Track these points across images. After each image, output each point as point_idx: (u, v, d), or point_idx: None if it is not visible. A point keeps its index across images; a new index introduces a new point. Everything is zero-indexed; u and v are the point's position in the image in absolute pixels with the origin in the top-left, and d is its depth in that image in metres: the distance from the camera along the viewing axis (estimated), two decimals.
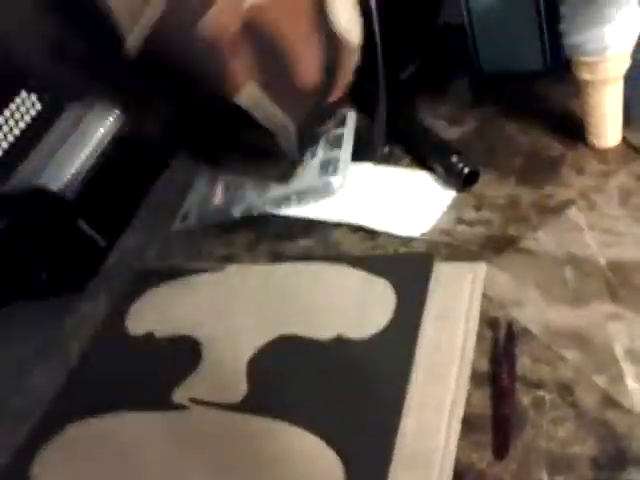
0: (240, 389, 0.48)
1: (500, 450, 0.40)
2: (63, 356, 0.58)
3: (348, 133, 0.63)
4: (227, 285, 0.58)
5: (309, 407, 0.46)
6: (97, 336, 0.58)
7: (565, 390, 0.42)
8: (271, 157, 0.49)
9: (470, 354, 0.45)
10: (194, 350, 0.52)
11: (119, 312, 0.59)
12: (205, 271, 0.60)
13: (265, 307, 0.54)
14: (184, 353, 0.53)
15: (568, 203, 0.53)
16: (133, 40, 0.37)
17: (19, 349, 0.65)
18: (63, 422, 0.51)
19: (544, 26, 0.64)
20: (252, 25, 0.39)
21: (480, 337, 0.46)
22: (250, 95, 0.42)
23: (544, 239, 0.51)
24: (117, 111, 0.72)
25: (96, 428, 0.50)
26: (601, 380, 0.42)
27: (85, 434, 0.50)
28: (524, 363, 0.44)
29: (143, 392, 0.51)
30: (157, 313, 0.58)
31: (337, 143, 0.62)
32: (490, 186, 0.58)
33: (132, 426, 0.50)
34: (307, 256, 0.58)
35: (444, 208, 0.57)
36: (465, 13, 0.65)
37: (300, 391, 0.47)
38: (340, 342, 0.49)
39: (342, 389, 0.46)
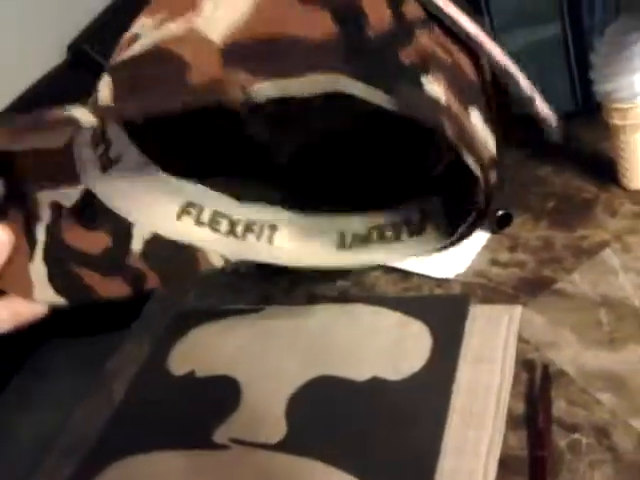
0: (279, 429, 0.49)
1: None
2: (107, 395, 0.60)
3: None
4: (265, 326, 0.60)
5: (346, 448, 0.46)
6: (140, 376, 0.60)
7: (601, 433, 0.42)
8: None
9: (506, 396, 0.46)
10: (234, 390, 0.54)
11: (161, 352, 0.61)
12: (244, 312, 0.61)
13: (302, 347, 0.55)
14: (224, 393, 0.54)
15: (602, 245, 0.53)
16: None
17: (64, 386, 0.68)
18: (106, 461, 0.52)
19: (574, 67, 0.65)
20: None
21: (516, 379, 0.47)
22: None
23: (579, 281, 0.51)
24: None
25: (138, 467, 0.52)
26: (637, 423, 0.42)
27: (127, 473, 0.52)
28: (560, 406, 0.44)
29: (184, 432, 0.53)
30: (198, 353, 0.59)
31: None
32: (524, 228, 0.58)
33: (174, 465, 0.51)
34: (343, 297, 0.59)
35: (478, 249, 0.58)
36: None
37: (337, 432, 0.48)
38: (376, 383, 0.49)
39: (379, 430, 0.46)
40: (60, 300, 0.40)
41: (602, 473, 0.40)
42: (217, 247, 0.43)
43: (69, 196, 0.39)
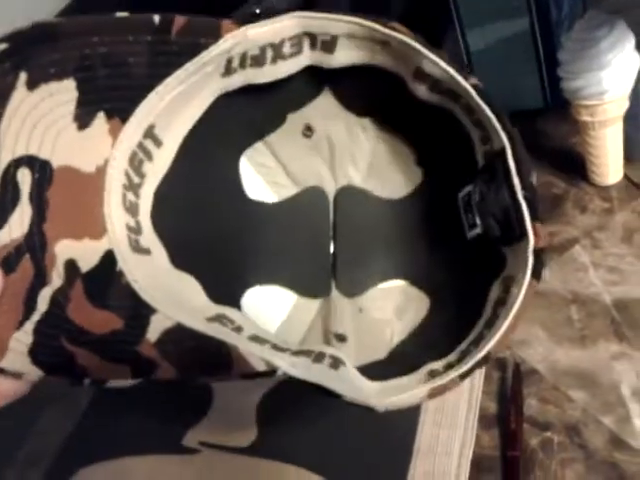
0: (249, 433, 0.49)
1: None
2: (73, 400, 0.59)
3: None
4: None
5: (317, 450, 0.46)
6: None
7: (573, 431, 0.42)
8: None
9: (478, 395, 0.46)
10: (205, 394, 0.53)
11: None
12: None
13: None
14: (195, 396, 0.53)
15: (572, 242, 0.53)
16: None
17: (29, 393, 0.66)
18: (74, 466, 0.51)
19: (543, 63, 0.65)
20: None
21: (488, 378, 0.47)
22: None
23: (549, 278, 0.51)
24: None
25: (106, 473, 0.51)
26: (608, 420, 0.42)
27: (96, 478, 0.51)
28: (532, 404, 0.44)
29: (153, 436, 0.52)
30: None
31: None
32: None
33: (142, 470, 0.50)
34: None
35: None
36: (464, 52, 0.67)
37: (308, 434, 0.47)
38: None
39: (351, 432, 0.46)
40: (34, 371, 0.33)
41: (573, 471, 0.40)
42: (259, 352, 0.32)
43: (88, 255, 0.33)
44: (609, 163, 0.56)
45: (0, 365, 0.33)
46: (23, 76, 0.32)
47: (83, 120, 0.33)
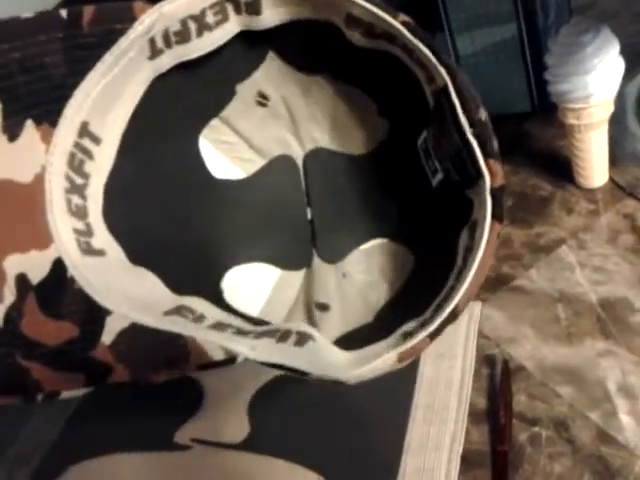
0: (242, 428, 0.49)
1: None
2: (64, 399, 0.59)
3: None
4: None
5: (309, 446, 0.46)
6: None
7: (560, 426, 0.43)
8: None
9: (468, 391, 0.46)
10: (196, 390, 0.53)
11: None
12: None
13: None
14: (186, 393, 0.53)
15: (559, 242, 0.55)
16: None
17: None
18: (64, 463, 0.51)
19: (530, 68, 0.66)
20: None
21: (477, 375, 0.47)
22: None
23: (536, 278, 0.52)
24: None
25: (97, 469, 0.51)
26: (595, 415, 0.43)
27: (87, 475, 0.51)
28: (520, 400, 0.45)
29: (144, 433, 0.52)
30: None
31: None
32: None
33: (134, 467, 0.50)
34: None
35: None
36: (453, 56, 0.68)
37: (300, 430, 0.48)
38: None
39: (343, 428, 0.47)
40: None
41: (561, 465, 0.41)
42: (218, 340, 0.31)
43: (38, 267, 0.32)
44: (595, 166, 0.57)
45: None
46: None
47: (12, 131, 0.32)
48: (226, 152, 0.43)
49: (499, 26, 0.65)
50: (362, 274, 0.43)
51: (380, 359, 0.30)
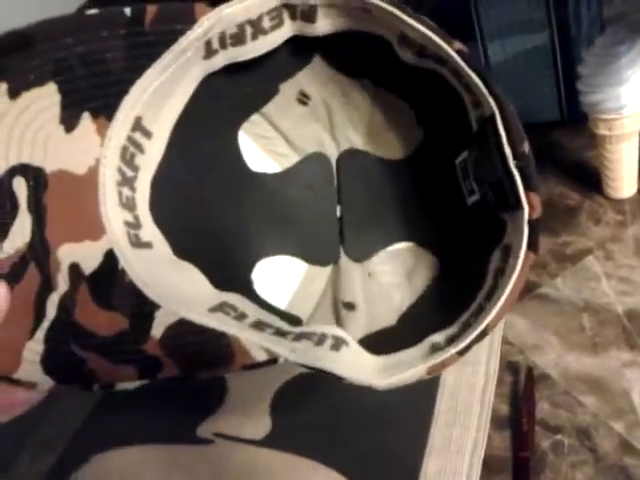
0: (264, 425, 0.50)
1: None
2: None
3: None
4: None
5: (332, 445, 0.47)
6: None
7: (583, 435, 0.43)
8: None
9: (491, 397, 0.46)
10: (219, 384, 0.54)
11: None
12: None
13: None
14: (209, 387, 0.54)
15: (585, 252, 0.55)
16: None
17: None
18: (88, 452, 0.52)
19: (561, 78, 0.66)
20: None
21: (500, 381, 0.48)
22: None
23: (562, 286, 0.52)
24: None
25: (120, 460, 0.51)
26: (618, 426, 0.43)
27: (110, 465, 0.51)
28: (543, 407, 0.45)
29: (167, 426, 0.53)
30: None
31: None
32: None
33: (156, 458, 0.51)
34: None
35: None
36: (483, 63, 0.68)
37: (323, 429, 0.48)
38: None
39: (365, 428, 0.47)
40: (46, 381, 0.33)
41: (583, 473, 0.41)
42: (260, 340, 0.33)
43: (90, 257, 0.33)
44: (624, 177, 0.57)
45: (16, 376, 0.33)
46: (3, 86, 0.32)
47: (69, 122, 0.33)
48: (263, 146, 0.44)
49: (531, 34, 0.65)
50: (387, 275, 0.44)
51: (410, 371, 0.31)
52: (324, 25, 0.35)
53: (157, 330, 0.33)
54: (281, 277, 0.44)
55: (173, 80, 0.34)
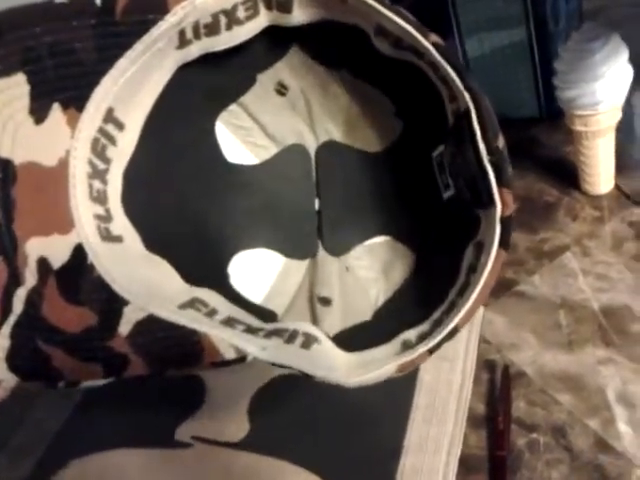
0: (242, 427, 0.49)
1: None
2: (66, 391, 0.59)
3: None
4: None
5: (309, 446, 0.47)
6: None
7: (559, 433, 0.43)
8: None
9: (468, 395, 0.46)
10: (197, 387, 0.53)
11: None
12: None
13: None
14: (187, 390, 0.54)
15: (563, 248, 0.55)
16: None
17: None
18: (66, 457, 0.52)
19: (539, 73, 0.66)
20: None
21: (477, 379, 0.47)
22: None
23: (539, 283, 0.52)
24: None
25: (99, 464, 0.51)
26: (594, 423, 0.43)
27: (88, 470, 0.51)
28: (519, 406, 0.45)
29: (146, 430, 0.52)
30: None
31: None
32: None
33: (135, 463, 0.50)
34: None
35: None
36: (461, 58, 0.68)
37: (300, 430, 0.48)
38: None
39: (342, 428, 0.47)
40: (10, 378, 0.33)
41: (559, 472, 0.41)
42: (229, 338, 0.32)
43: (59, 251, 0.32)
44: (601, 173, 0.57)
45: None
46: None
47: (39, 113, 0.32)
48: (241, 137, 0.44)
49: (509, 30, 0.65)
50: (364, 270, 0.43)
51: (381, 370, 0.31)
52: (300, 15, 0.34)
53: (125, 327, 0.33)
54: (258, 271, 0.44)
55: (145, 70, 0.33)
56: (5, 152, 0.32)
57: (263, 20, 0.35)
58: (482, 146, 0.31)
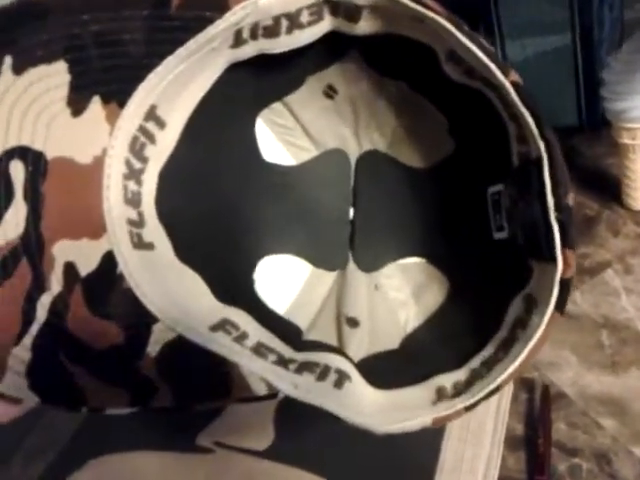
0: (266, 436, 0.48)
1: None
2: None
3: None
4: None
5: (337, 460, 0.45)
6: None
7: (603, 459, 0.42)
8: None
9: (505, 416, 0.45)
10: None
11: None
12: None
13: None
14: None
15: (604, 265, 0.53)
16: None
17: None
18: (83, 457, 0.50)
19: (581, 82, 0.64)
20: None
21: (515, 399, 0.46)
22: None
23: (580, 301, 0.50)
24: None
25: (116, 465, 0.50)
26: (639, 450, 0.41)
27: (105, 470, 0.50)
28: (560, 428, 0.44)
29: (165, 433, 0.51)
30: None
31: None
32: None
33: (153, 464, 0.49)
34: None
35: None
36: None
37: (328, 443, 0.46)
38: None
39: (374, 445, 0.45)
40: (30, 397, 0.31)
41: None
42: (261, 371, 0.30)
43: (88, 257, 0.31)
44: None
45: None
46: (8, 60, 0.30)
47: (77, 105, 0.31)
48: (281, 135, 0.42)
49: (552, 35, 0.63)
50: (394, 290, 0.42)
51: (415, 421, 0.29)
52: (366, 26, 0.32)
53: (153, 348, 0.31)
54: (284, 278, 0.42)
55: (194, 69, 0.31)
56: (37, 144, 0.31)
57: (326, 26, 0.32)
58: (551, 201, 0.28)
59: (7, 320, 0.30)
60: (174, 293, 0.32)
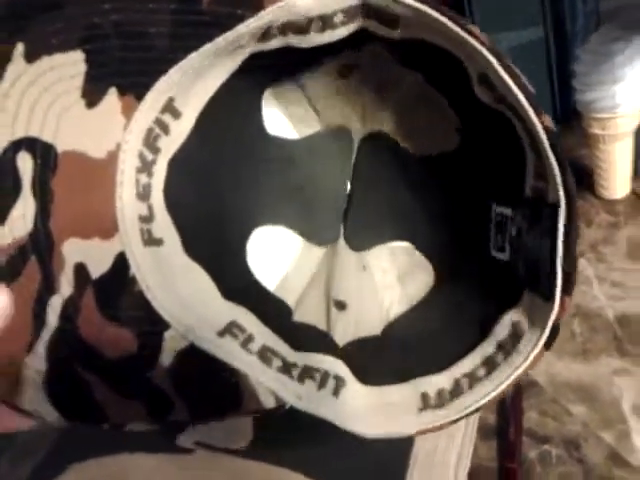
0: (246, 435, 0.48)
1: None
2: None
3: None
4: None
5: (314, 456, 0.46)
6: None
7: (572, 445, 0.42)
8: None
9: None
10: None
11: None
12: None
13: None
14: None
15: (577, 255, 0.53)
16: None
17: None
18: (67, 460, 0.51)
19: (555, 73, 0.65)
20: None
21: None
22: None
23: None
24: None
25: (101, 468, 0.50)
26: (608, 436, 0.42)
27: (89, 474, 0.50)
28: (531, 416, 0.44)
29: (147, 435, 0.51)
30: None
31: None
32: None
33: (138, 467, 0.49)
34: None
35: None
36: None
37: (305, 439, 0.47)
38: None
39: (348, 439, 0.46)
40: (49, 412, 0.31)
41: None
42: (267, 380, 0.30)
43: (99, 258, 0.29)
44: (617, 177, 0.55)
45: (21, 404, 0.30)
46: (20, 47, 0.29)
47: (92, 97, 0.29)
48: (285, 107, 0.41)
49: (525, 29, 0.63)
50: (381, 272, 0.42)
51: (402, 431, 0.30)
52: (402, 32, 0.30)
53: (166, 357, 0.30)
54: (275, 251, 0.42)
55: (216, 62, 0.30)
56: (47, 136, 0.29)
57: (358, 25, 0.31)
58: (561, 251, 0.28)
59: (18, 325, 0.29)
60: (183, 295, 0.31)
